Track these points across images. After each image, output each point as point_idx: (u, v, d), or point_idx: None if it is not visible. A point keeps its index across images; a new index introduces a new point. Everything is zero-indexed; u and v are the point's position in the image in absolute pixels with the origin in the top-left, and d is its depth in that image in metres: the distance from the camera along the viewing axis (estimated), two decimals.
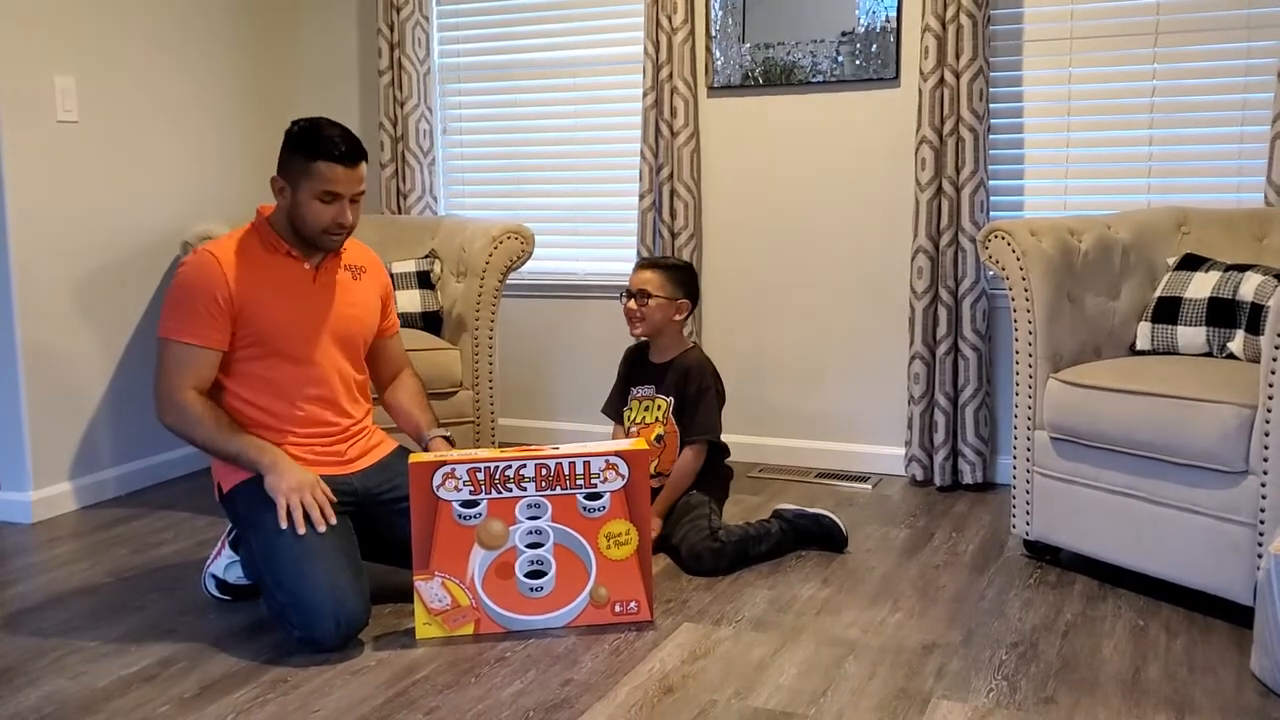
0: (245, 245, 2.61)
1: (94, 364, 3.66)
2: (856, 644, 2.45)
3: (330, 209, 2.56)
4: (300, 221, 2.58)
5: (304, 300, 2.63)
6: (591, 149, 4.18)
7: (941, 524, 3.31)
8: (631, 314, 3.09)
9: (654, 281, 3.07)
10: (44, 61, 3.44)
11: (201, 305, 2.51)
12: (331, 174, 2.53)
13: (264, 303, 2.56)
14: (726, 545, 2.93)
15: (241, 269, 2.56)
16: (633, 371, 3.22)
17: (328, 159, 2.52)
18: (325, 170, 2.53)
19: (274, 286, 2.59)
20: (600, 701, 2.19)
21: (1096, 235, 3.04)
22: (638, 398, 3.18)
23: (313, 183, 2.53)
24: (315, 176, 2.53)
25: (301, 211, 2.56)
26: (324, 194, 2.54)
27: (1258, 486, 2.41)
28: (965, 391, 3.61)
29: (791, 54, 3.79)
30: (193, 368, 2.53)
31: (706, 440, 3.06)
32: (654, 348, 3.17)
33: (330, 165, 2.52)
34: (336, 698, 2.22)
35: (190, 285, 2.53)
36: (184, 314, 2.52)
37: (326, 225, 2.57)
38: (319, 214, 2.56)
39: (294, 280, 2.62)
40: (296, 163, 2.55)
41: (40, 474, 3.48)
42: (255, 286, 2.56)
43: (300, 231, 2.60)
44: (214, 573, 2.73)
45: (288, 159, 2.57)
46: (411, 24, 4.14)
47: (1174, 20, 3.40)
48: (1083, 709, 2.14)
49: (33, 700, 2.23)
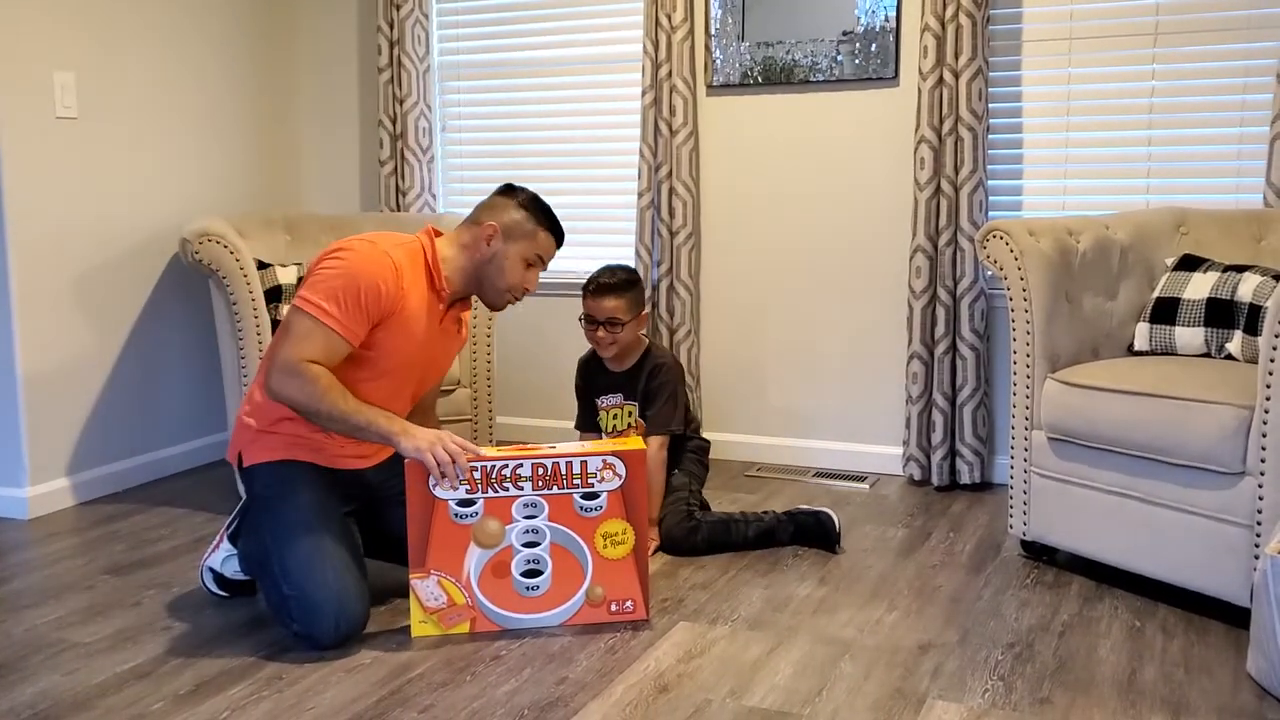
0: (418, 263, 2.59)
1: (92, 360, 3.66)
2: (852, 644, 2.45)
3: (529, 273, 2.68)
4: (495, 271, 2.64)
5: (426, 339, 2.62)
6: (590, 147, 4.18)
7: (939, 524, 3.30)
8: (602, 341, 3.10)
9: (620, 307, 3.07)
10: (43, 58, 3.44)
11: (364, 300, 2.45)
12: (549, 247, 2.70)
13: (407, 327, 2.54)
14: (702, 524, 3.01)
15: (409, 284, 2.53)
16: (594, 382, 3.24)
17: (555, 236, 2.70)
18: (547, 242, 2.68)
19: (415, 314, 2.56)
20: (595, 700, 2.19)
21: (1095, 235, 3.04)
22: (605, 407, 3.20)
23: (532, 246, 2.66)
24: (537, 243, 2.66)
25: (503, 264, 2.63)
26: (535, 258, 2.67)
27: (1255, 487, 2.41)
28: (963, 391, 3.60)
29: (791, 53, 3.79)
30: (324, 350, 2.45)
31: (667, 432, 3.11)
32: (612, 361, 3.19)
33: (553, 241, 2.70)
34: (331, 695, 2.21)
35: (365, 280, 2.45)
36: (343, 300, 2.43)
37: (514, 286, 2.66)
38: (517, 274, 2.66)
39: (431, 316, 2.61)
40: (525, 224, 2.65)
41: (37, 469, 3.48)
42: (405, 309, 2.53)
43: (485, 279, 2.65)
44: (211, 565, 2.73)
45: (516, 217, 2.64)
46: (411, 21, 4.14)
47: (1173, 21, 3.40)
48: (1078, 710, 2.14)
49: (27, 696, 2.23)
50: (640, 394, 3.14)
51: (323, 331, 2.43)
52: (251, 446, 2.58)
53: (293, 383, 2.42)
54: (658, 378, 3.12)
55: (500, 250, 2.63)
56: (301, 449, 2.56)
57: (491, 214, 2.65)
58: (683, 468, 3.15)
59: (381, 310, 2.48)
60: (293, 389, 2.42)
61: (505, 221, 2.63)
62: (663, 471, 3.09)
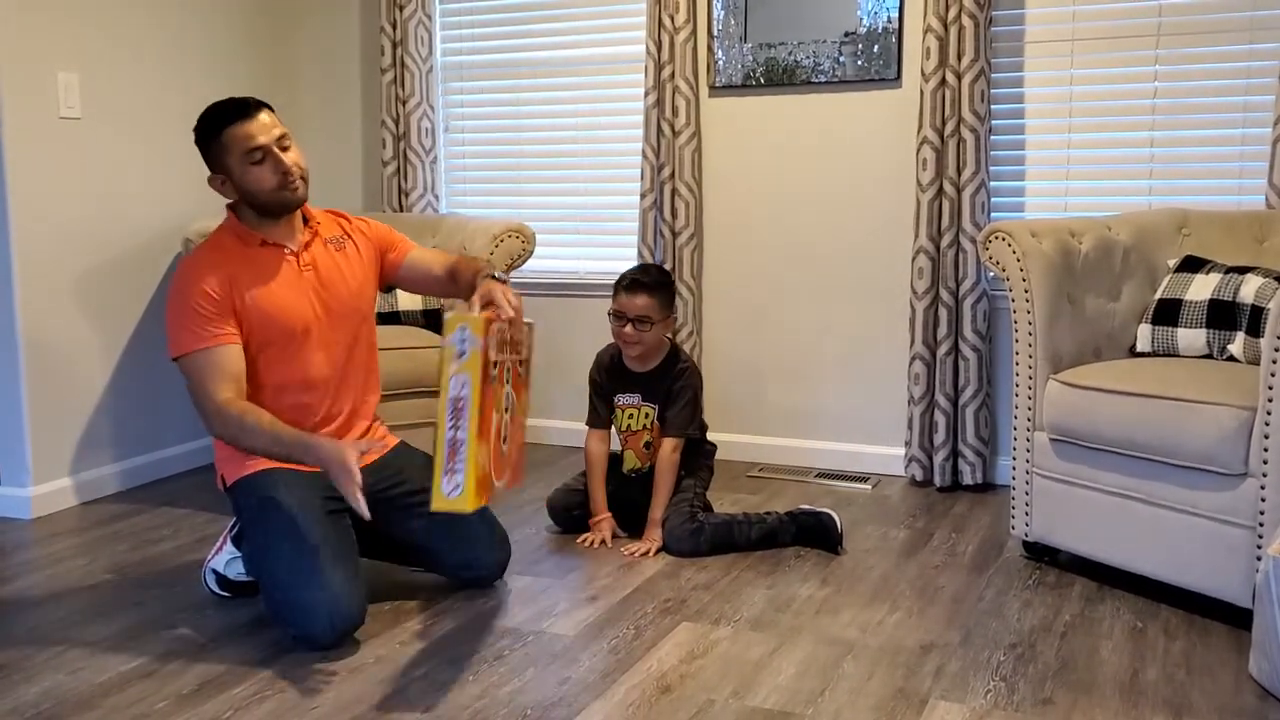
0: (221, 244, 2.58)
1: (95, 359, 3.66)
2: (855, 644, 2.45)
3: (265, 166, 2.52)
4: (253, 197, 2.55)
5: (294, 287, 2.59)
6: (593, 148, 4.18)
7: (941, 525, 3.31)
8: (629, 339, 3.09)
9: (652, 306, 3.06)
10: (47, 58, 3.45)
11: (198, 307, 2.48)
12: (241, 132, 2.51)
13: (256, 296, 2.54)
14: (705, 525, 3.02)
15: (225, 265, 2.53)
16: (613, 381, 3.22)
17: (227, 123, 2.51)
18: (236, 133, 2.51)
19: (262, 279, 2.56)
20: (598, 700, 2.19)
21: (1097, 236, 3.04)
22: (622, 405, 3.19)
23: (234, 152, 2.51)
24: (231, 145, 2.51)
25: (247, 186, 2.54)
26: (249, 154, 2.51)
27: (1257, 489, 2.41)
28: (965, 392, 3.61)
29: (793, 54, 3.79)
30: (219, 370, 2.47)
31: (683, 435, 3.13)
32: (634, 361, 3.17)
33: (232, 126, 2.51)
34: (334, 695, 2.22)
35: (181, 293, 2.50)
36: (185, 322, 2.49)
37: (274, 181, 2.54)
38: (260, 177, 2.53)
39: (280, 270, 2.59)
40: (211, 148, 2.54)
41: (40, 469, 3.48)
42: (244, 281, 2.53)
43: (262, 207, 2.57)
44: (214, 568, 2.73)
45: (205, 151, 2.57)
46: (414, 22, 4.14)
47: (1175, 22, 3.40)
48: (1080, 710, 2.14)
49: (31, 696, 2.24)
50: (662, 397, 3.14)
51: (202, 359, 2.47)
52: (229, 464, 2.60)
53: (218, 427, 2.48)
54: (681, 380, 3.12)
55: (236, 181, 2.55)
56: None
57: (207, 166, 2.59)
58: (690, 471, 3.15)
59: (221, 302, 2.49)
60: (220, 431, 2.49)
61: (211, 159, 2.56)
62: (673, 473, 3.09)
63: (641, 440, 3.17)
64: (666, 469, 3.08)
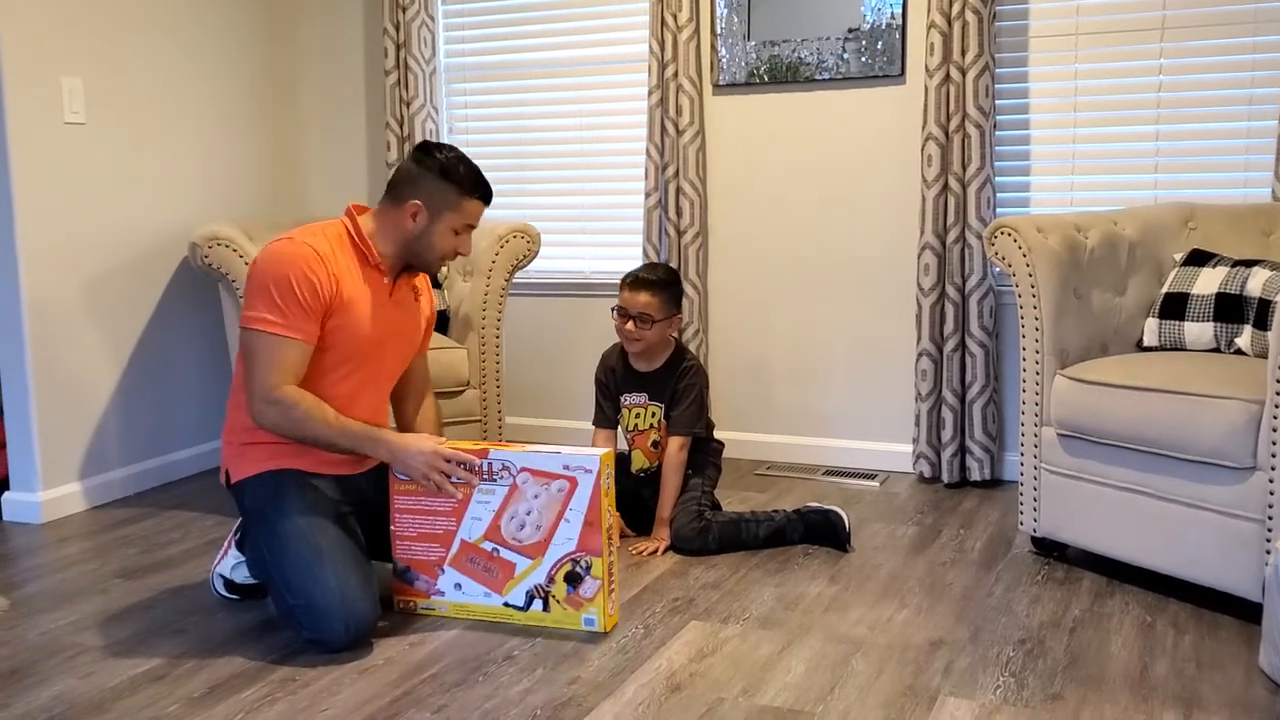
0: (343, 242, 2.55)
1: (103, 364, 3.67)
2: (864, 641, 2.45)
3: (460, 239, 2.61)
4: (424, 246, 2.57)
5: (383, 315, 2.60)
6: (597, 148, 4.18)
7: (949, 521, 3.30)
8: (630, 335, 3.10)
9: (654, 305, 3.07)
10: (51, 63, 3.46)
11: (303, 296, 2.43)
12: (476, 211, 2.60)
13: (354, 310, 2.52)
14: (712, 524, 3.03)
15: (339, 264, 2.51)
16: (618, 380, 3.22)
17: (480, 199, 2.59)
18: (473, 209, 2.59)
19: (360, 294, 2.54)
20: (608, 700, 2.19)
21: (1103, 231, 3.04)
22: (629, 405, 3.20)
23: (458, 216, 2.57)
24: (463, 212, 2.57)
25: (432, 239, 2.57)
26: (464, 227, 2.59)
27: (1266, 482, 2.41)
28: (972, 388, 3.60)
29: (797, 51, 3.79)
30: (291, 362, 2.44)
31: (690, 434, 3.13)
32: (639, 360, 3.18)
33: (478, 203, 2.59)
34: (345, 696, 2.22)
35: (289, 274, 2.43)
36: (281, 301, 2.42)
37: (448, 254, 2.61)
38: (449, 243, 2.59)
39: (376, 293, 2.59)
40: (448, 194, 2.55)
41: (49, 474, 3.49)
42: (349, 291, 2.52)
43: (416, 254, 2.59)
44: (221, 572, 2.74)
45: (436, 188, 2.54)
46: (417, 24, 4.15)
47: (1180, 15, 3.39)
48: (1090, 705, 2.14)
49: (43, 700, 2.24)
50: (668, 396, 3.14)
51: (277, 343, 2.43)
52: (236, 462, 2.58)
53: (272, 412, 2.45)
54: (685, 379, 3.13)
55: (426, 225, 2.56)
56: (287, 456, 2.55)
57: (412, 188, 2.55)
58: (698, 469, 3.16)
59: (321, 300, 2.46)
60: (274, 418, 2.45)
61: (427, 195, 2.55)
62: (680, 472, 3.10)
63: (649, 439, 3.17)
64: (674, 468, 3.08)
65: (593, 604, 2.48)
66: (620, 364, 3.21)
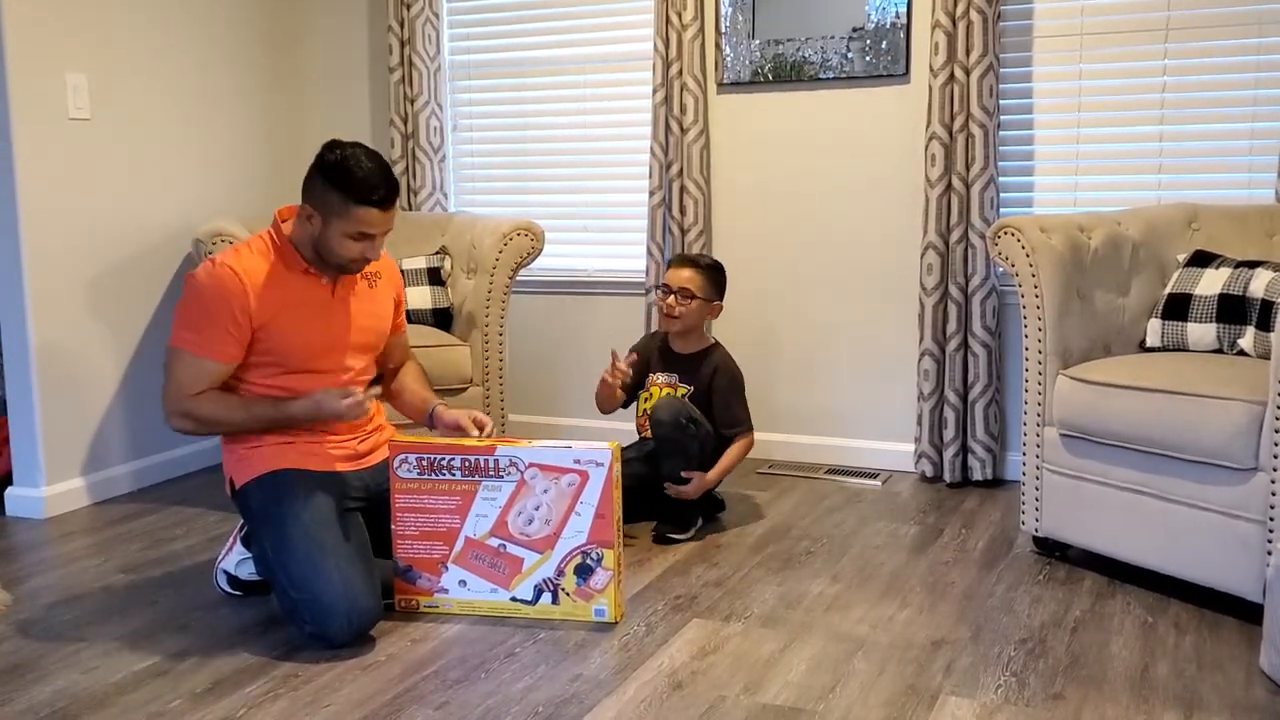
0: (266, 257, 2.56)
1: (106, 360, 3.68)
2: (865, 640, 2.46)
3: (360, 245, 2.53)
4: (326, 251, 2.55)
5: (323, 318, 2.60)
6: (601, 146, 4.18)
7: (951, 520, 3.31)
8: (670, 310, 3.17)
9: (696, 281, 3.18)
10: (55, 59, 3.46)
11: (221, 321, 2.48)
12: (368, 218, 2.48)
13: (284, 323, 2.54)
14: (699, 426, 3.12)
15: (263, 287, 2.52)
16: (655, 357, 3.30)
17: (367, 204, 2.47)
18: (363, 215, 2.47)
19: (294, 305, 2.56)
20: (609, 697, 2.19)
21: (1106, 232, 3.04)
22: (658, 383, 3.27)
23: (347, 223, 2.48)
24: (351, 219, 2.47)
25: (330, 245, 2.52)
26: (358, 234, 2.51)
27: (1267, 483, 2.41)
28: (975, 388, 3.60)
29: (801, 50, 3.79)
30: (205, 380, 2.53)
31: (748, 430, 3.24)
32: (678, 341, 3.26)
33: (368, 210, 2.47)
34: (347, 692, 2.23)
35: (209, 299, 2.49)
36: (201, 327, 2.49)
37: (355, 259, 2.55)
38: (348, 249, 2.52)
39: (313, 297, 2.59)
40: (332, 200, 2.47)
41: (53, 470, 3.50)
42: (276, 306, 2.53)
43: (324, 258, 2.57)
44: (225, 568, 2.75)
45: (322, 192, 2.48)
46: (421, 21, 4.15)
47: (1185, 16, 3.39)
48: (1091, 705, 2.14)
49: (45, 695, 2.25)
50: (705, 385, 3.21)
51: (197, 364, 2.51)
52: (239, 467, 2.61)
53: (184, 423, 2.56)
54: (726, 377, 3.22)
55: (321, 231, 2.51)
56: (289, 456, 2.57)
57: (307, 191, 2.51)
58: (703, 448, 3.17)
59: (239, 321, 2.49)
60: (187, 427, 2.56)
61: (315, 200, 2.49)
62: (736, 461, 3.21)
63: None
64: (733, 461, 3.19)
65: (603, 595, 2.49)
66: (659, 344, 3.32)
